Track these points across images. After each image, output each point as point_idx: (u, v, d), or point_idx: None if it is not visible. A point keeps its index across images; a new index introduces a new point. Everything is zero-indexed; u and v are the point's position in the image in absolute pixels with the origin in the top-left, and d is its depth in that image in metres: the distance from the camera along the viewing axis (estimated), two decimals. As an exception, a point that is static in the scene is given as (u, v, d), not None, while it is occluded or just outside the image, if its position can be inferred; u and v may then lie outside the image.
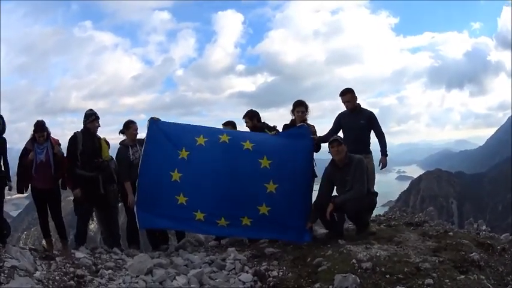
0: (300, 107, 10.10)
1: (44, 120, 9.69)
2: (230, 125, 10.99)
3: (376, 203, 9.29)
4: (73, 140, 9.83)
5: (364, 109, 10.46)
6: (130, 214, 10.14)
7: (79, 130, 10.02)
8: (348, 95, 10.24)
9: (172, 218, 9.71)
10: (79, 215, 10.12)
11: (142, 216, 9.72)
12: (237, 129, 10.95)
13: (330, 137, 9.49)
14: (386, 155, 10.13)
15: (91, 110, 10.18)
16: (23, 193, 9.87)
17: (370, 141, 10.43)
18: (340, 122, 10.28)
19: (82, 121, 9.97)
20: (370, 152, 10.20)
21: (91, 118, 10.02)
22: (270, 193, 9.31)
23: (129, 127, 10.49)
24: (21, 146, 9.61)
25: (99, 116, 10.20)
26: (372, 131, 10.35)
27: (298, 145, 9.55)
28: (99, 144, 10.16)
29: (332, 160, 9.15)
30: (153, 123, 10.10)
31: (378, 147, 10.31)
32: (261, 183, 9.34)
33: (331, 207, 8.83)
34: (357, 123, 10.04)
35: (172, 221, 9.77)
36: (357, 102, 10.37)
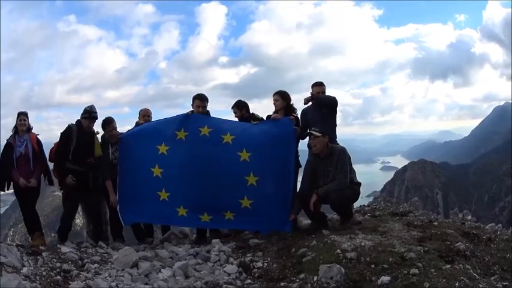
0: (274, 96, 10.13)
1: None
2: None
3: (359, 193, 9.31)
4: (67, 133, 9.67)
5: None
6: (112, 208, 10.11)
7: (73, 123, 9.86)
8: (322, 86, 10.28)
9: (155, 214, 9.78)
10: (69, 209, 10.05)
11: (126, 213, 9.79)
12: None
13: (301, 134, 9.69)
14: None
15: (92, 107, 9.99)
16: (3, 190, 9.80)
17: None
18: (307, 117, 10.21)
19: (67, 115, 9.84)
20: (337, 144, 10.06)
21: (85, 115, 9.85)
22: (251, 186, 9.35)
23: (104, 128, 10.29)
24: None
25: (97, 117, 10.07)
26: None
27: (279, 136, 9.53)
28: (93, 140, 10.02)
29: (315, 154, 9.18)
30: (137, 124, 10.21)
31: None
32: (242, 176, 9.37)
33: (315, 197, 8.83)
34: (320, 114, 9.97)
35: (155, 217, 9.88)
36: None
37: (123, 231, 10.41)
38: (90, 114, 9.87)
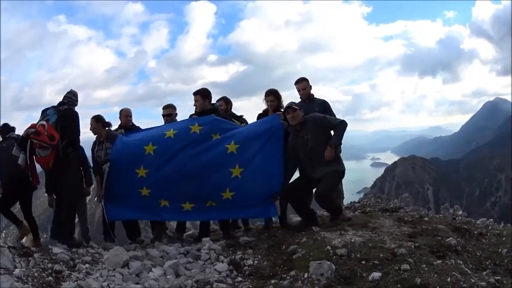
0: (269, 96, 10.11)
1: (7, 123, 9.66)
2: (171, 107, 10.81)
3: (343, 171, 9.24)
4: (77, 116, 9.56)
5: (317, 98, 10.48)
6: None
7: (71, 105, 9.60)
8: (303, 82, 10.29)
9: (139, 208, 9.74)
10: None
11: (110, 208, 9.77)
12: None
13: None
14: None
15: (76, 93, 9.79)
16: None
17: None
18: None
19: (68, 100, 9.54)
20: None
21: (76, 103, 9.71)
22: (235, 178, 9.25)
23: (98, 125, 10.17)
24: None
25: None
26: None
27: (267, 130, 9.42)
28: None
29: (290, 126, 9.29)
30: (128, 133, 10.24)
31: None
32: (227, 168, 9.28)
33: (330, 150, 8.79)
34: (311, 111, 9.89)
35: (138, 211, 9.81)
36: (311, 92, 10.43)
37: (114, 230, 10.41)
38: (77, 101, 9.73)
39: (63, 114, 9.26)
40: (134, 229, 10.65)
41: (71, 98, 9.54)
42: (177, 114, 10.82)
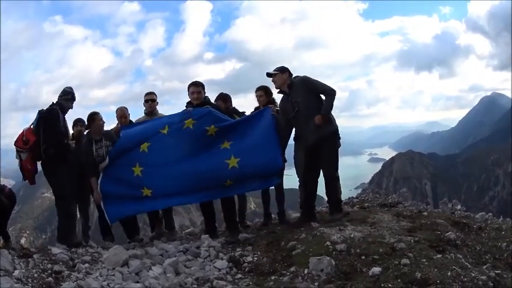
0: (259, 91, 10.24)
1: None
2: (154, 94, 10.84)
3: (334, 130, 9.27)
4: (57, 116, 9.31)
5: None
6: (100, 207, 10.01)
7: (55, 105, 9.45)
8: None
9: (139, 205, 9.61)
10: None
11: (110, 209, 9.67)
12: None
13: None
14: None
15: (71, 88, 9.75)
16: None
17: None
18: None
19: (58, 99, 9.47)
20: None
21: (69, 96, 9.58)
22: (232, 168, 9.12)
23: (94, 119, 10.04)
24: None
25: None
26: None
27: (258, 120, 9.39)
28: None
29: (279, 92, 9.50)
30: (123, 128, 10.15)
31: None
32: (222, 160, 9.15)
33: (320, 118, 8.85)
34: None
35: (139, 205, 9.64)
36: None
37: (112, 229, 10.37)
38: (73, 95, 9.66)
39: (42, 116, 9.28)
40: (133, 228, 10.59)
41: (60, 97, 9.53)
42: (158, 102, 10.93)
